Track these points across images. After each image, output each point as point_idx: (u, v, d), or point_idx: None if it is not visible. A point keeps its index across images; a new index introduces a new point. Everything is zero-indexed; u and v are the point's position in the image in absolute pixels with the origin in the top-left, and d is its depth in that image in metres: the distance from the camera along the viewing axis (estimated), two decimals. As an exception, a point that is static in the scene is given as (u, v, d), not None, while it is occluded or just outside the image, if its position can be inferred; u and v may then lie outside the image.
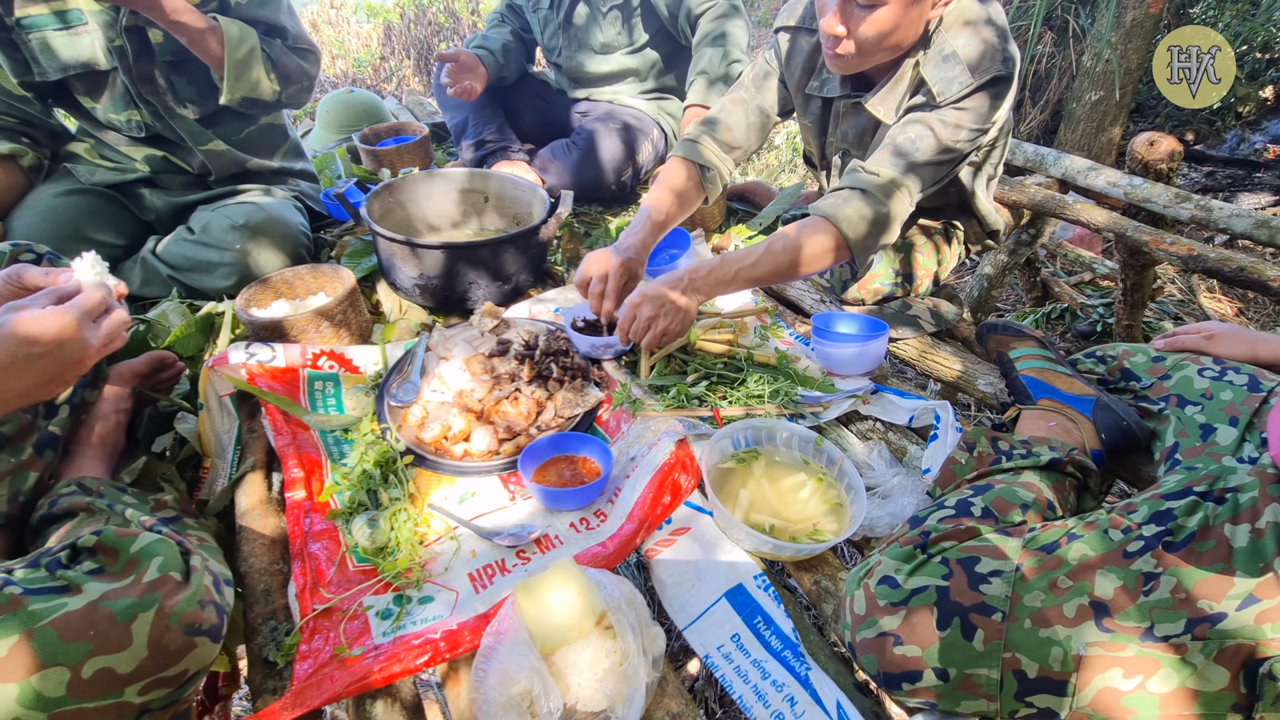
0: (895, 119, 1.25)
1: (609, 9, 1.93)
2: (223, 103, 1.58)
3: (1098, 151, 3.71)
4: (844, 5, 1.11)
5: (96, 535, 0.72)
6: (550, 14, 2.02)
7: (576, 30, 2.03)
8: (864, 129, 1.35)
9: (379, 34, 6.45)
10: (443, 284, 1.47)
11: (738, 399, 1.23)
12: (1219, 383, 1.05)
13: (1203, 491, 0.84)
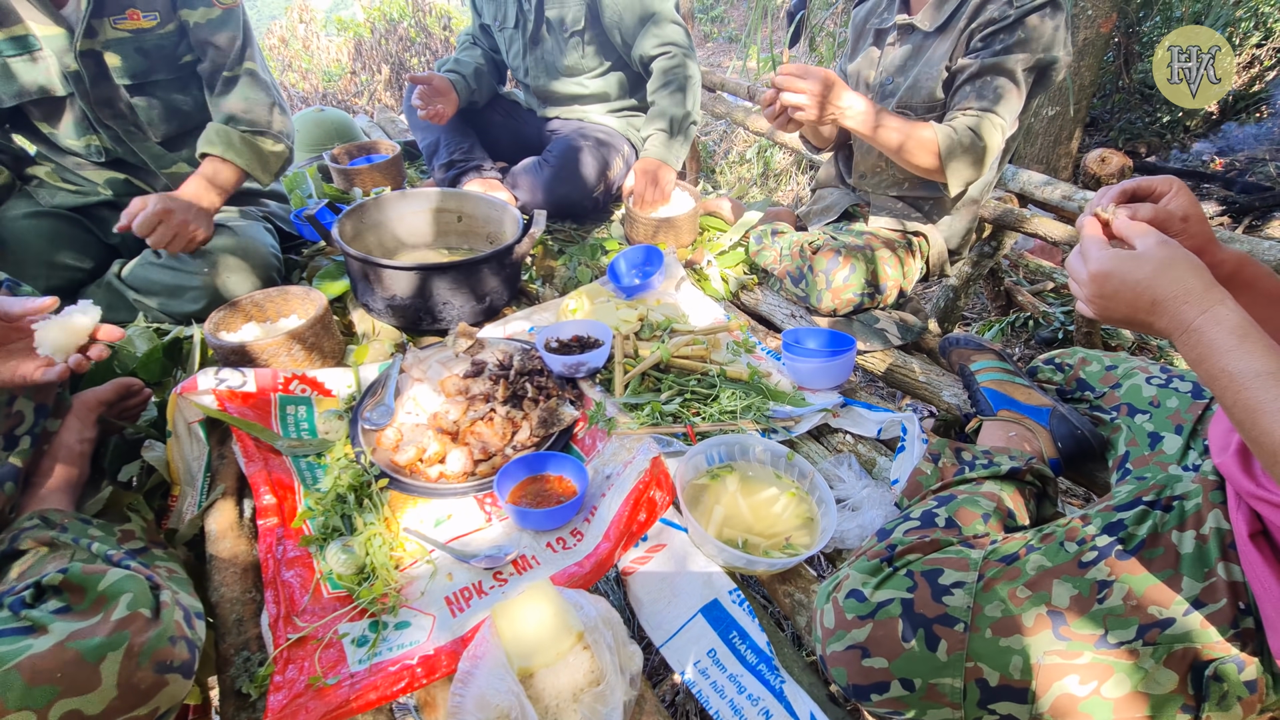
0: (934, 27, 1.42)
1: (569, 34, 1.96)
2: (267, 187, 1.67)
3: (1055, 164, 3.85)
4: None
5: (62, 573, 0.71)
6: (515, 33, 2.05)
7: (543, 52, 2.05)
8: (913, 50, 1.48)
9: (349, 48, 6.42)
10: (417, 305, 1.47)
11: (711, 415, 1.26)
12: (1165, 390, 1.10)
13: (1151, 500, 0.88)
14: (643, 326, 1.46)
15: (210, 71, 1.56)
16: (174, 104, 1.59)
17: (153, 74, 1.53)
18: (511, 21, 2.03)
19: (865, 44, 1.62)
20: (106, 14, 1.44)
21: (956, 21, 1.39)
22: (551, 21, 1.96)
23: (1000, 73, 1.33)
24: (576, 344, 1.39)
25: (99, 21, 1.44)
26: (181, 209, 1.44)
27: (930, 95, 1.45)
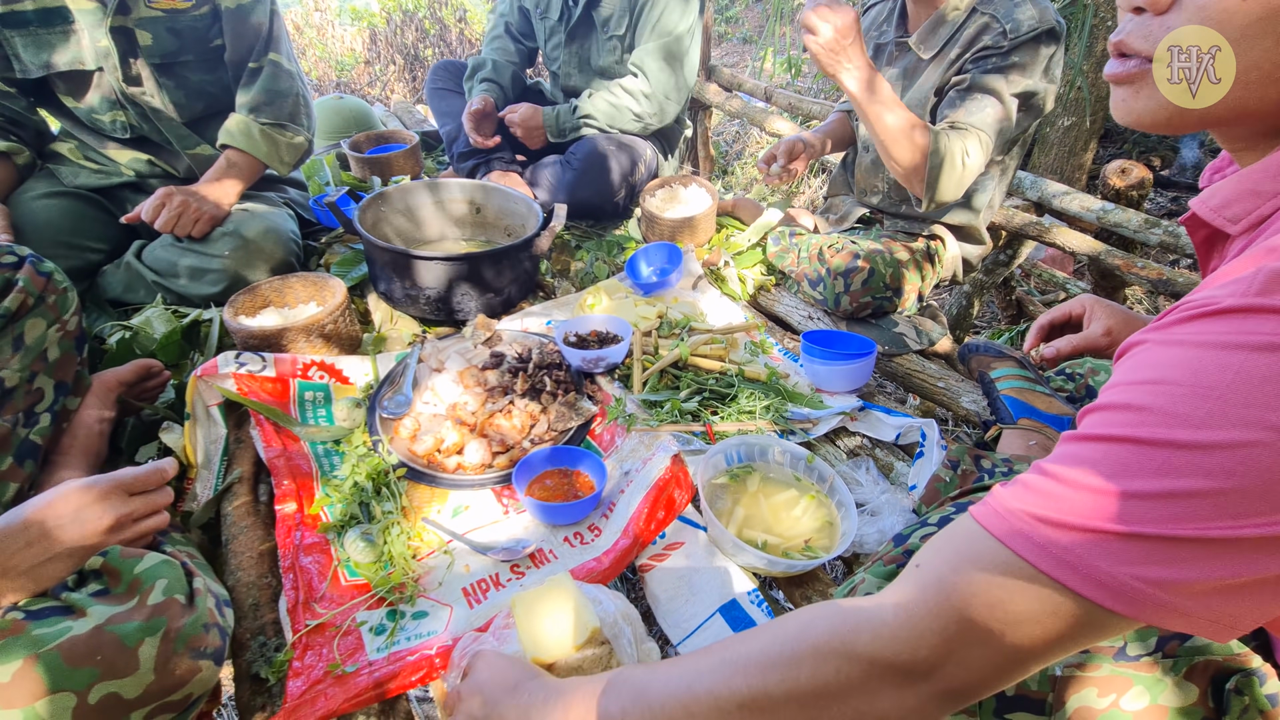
0: (930, 54, 1.43)
1: (609, 37, 1.95)
2: (284, 175, 1.70)
3: (1070, 175, 3.83)
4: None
5: (103, 556, 0.71)
6: (557, 26, 2.04)
7: (579, 47, 2.05)
8: (908, 70, 1.50)
9: (364, 38, 6.41)
10: (436, 295, 1.47)
11: (730, 415, 1.25)
12: None
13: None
14: (662, 324, 1.46)
15: (236, 61, 1.57)
16: (201, 85, 1.59)
17: (182, 54, 1.54)
18: (555, 14, 2.03)
19: (871, 50, 1.62)
20: None
21: (949, 50, 1.39)
22: (595, 20, 1.97)
23: (988, 91, 1.32)
24: (595, 339, 1.38)
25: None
26: (187, 194, 1.46)
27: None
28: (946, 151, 1.29)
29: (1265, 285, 0.42)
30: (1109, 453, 0.45)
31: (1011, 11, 1.31)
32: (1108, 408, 0.48)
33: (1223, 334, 0.43)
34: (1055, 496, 0.47)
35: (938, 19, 1.40)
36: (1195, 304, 0.46)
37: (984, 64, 1.33)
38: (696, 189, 1.91)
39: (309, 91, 1.69)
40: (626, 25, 1.92)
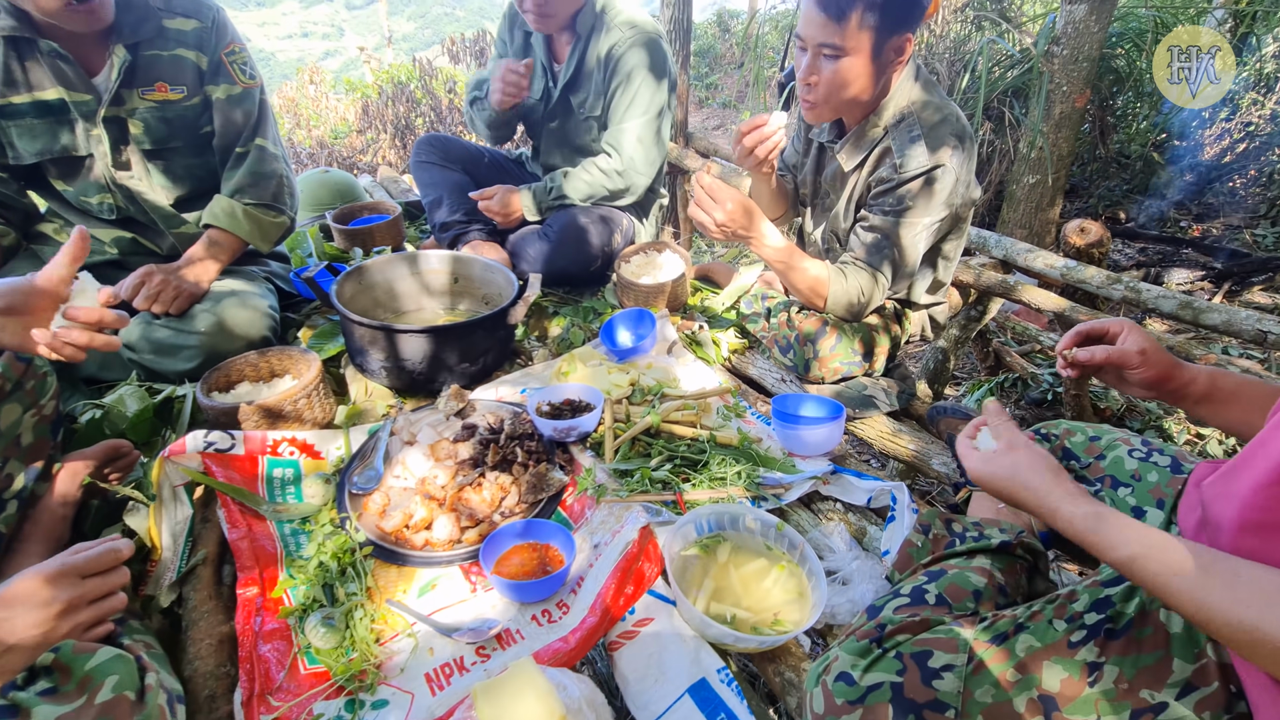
0: (852, 167, 1.49)
1: (585, 118, 2.05)
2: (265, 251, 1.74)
3: (1038, 229, 3.96)
4: (814, 57, 1.32)
5: (54, 652, 0.70)
6: (538, 104, 2.14)
7: (558, 126, 2.14)
8: (838, 173, 1.55)
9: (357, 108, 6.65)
10: (411, 367, 1.48)
11: (701, 482, 1.25)
12: (1146, 464, 1.11)
13: (1138, 578, 0.88)
14: (634, 391, 1.48)
15: (223, 146, 1.64)
16: (189, 168, 1.65)
17: (172, 141, 1.60)
18: (537, 94, 2.12)
19: (806, 151, 1.68)
20: (136, 85, 1.51)
21: (864, 167, 1.46)
22: (573, 103, 2.07)
23: (886, 235, 1.42)
24: (568, 408, 1.40)
25: (128, 91, 1.51)
26: (167, 272, 1.50)
27: (844, 221, 1.56)
28: (843, 297, 1.47)
29: None
30: None
31: (905, 148, 1.37)
32: None
33: None
34: None
35: (860, 132, 1.45)
36: None
37: (882, 202, 1.41)
38: (671, 254, 1.96)
39: (292, 173, 1.75)
40: (602, 107, 2.01)
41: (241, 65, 1.61)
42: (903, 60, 1.36)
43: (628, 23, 1.94)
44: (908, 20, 1.28)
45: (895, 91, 1.40)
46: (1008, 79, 4.14)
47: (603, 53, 1.94)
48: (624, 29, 1.93)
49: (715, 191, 1.33)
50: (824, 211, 1.67)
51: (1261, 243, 4.12)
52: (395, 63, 8.18)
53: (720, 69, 9.45)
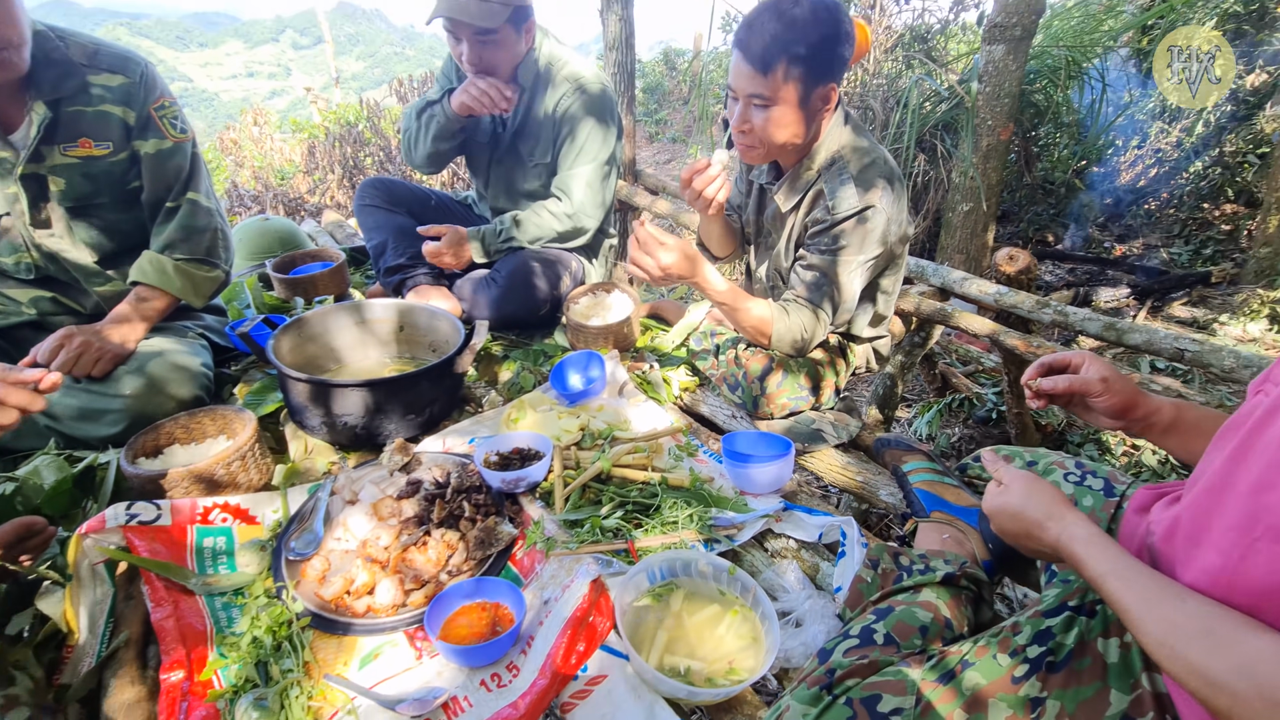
0: (789, 207, 1.54)
1: (534, 164, 2.07)
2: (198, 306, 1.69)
3: (974, 253, 4.14)
4: (745, 106, 1.37)
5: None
6: (485, 147, 2.14)
7: (505, 172, 2.15)
8: (777, 213, 1.60)
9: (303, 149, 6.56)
10: (354, 422, 1.44)
11: (653, 528, 1.24)
12: (1081, 488, 1.15)
13: (1076, 605, 0.90)
14: (584, 436, 1.47)
15: (153, 201, 1.59)
16: (115, 225, 1.59)
17: (96, 197, 1.54)
18: (484, 137, 2.13)
19: (749, 191, 1.73)
20: (58, 141, 1.46)
21: (800, 207, 1.52)
22: (521, 150, 2.08)
23: (823, 272, 1.46)
24: (517, 456, 1.37)
25: (48, 148, 1.46)
26: (88, 333, 1.43)
27: (785, 260, 1.61)
28: (787, 334, 1.50)
29: None
30: None
31: (836, 189, 1.42)
32: None
33: None
34: None
35: (796, 174, 1.50)
36: None
37: (818, 242, 1.46)
38: (620, 295, 1.97)
39: (227, 226, 1.71)
40: (551, 155, 2.03)
41: (172, 119, 1.57)
42: (830, 107, 1.41)
43: (573, 76, 1.97)
44: (830, 72, 1.34)
45: (826, 136, 1.46)
46: (938, 113, 4.36)
47: (550, 107, 1.98)
48: (570, 83, 1.96)
49: (650, 245, 1.34)
50: (767, 250, 1.71)
51: (1178, 260, 4.40)
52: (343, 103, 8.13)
53: (668, 105, 9.70)
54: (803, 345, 1.52)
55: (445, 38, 1.90)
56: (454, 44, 1.89)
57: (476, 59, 1.87)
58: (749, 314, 1.48)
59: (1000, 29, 3.56)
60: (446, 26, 1.85)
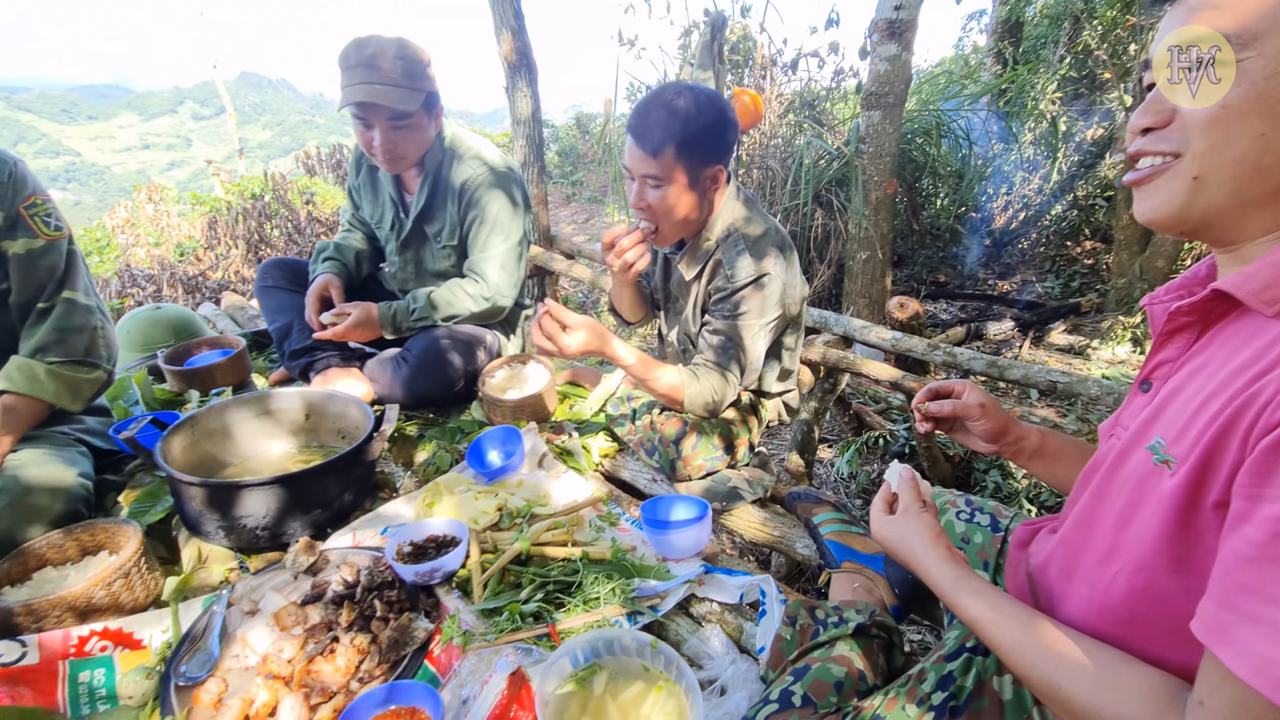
0: (692, 276, 1.61)
1: (442, 246, 2.06)
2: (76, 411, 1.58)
3: (876, 298, 4.43)
4: (640, 186, 1.47)
5: None
6: (390, 234, 2.12)
7: (414, 254, 2.13)
8: (682, 281, 1.67)
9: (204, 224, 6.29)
10: (254, 524, 1.36)
11: (575, 607, 1.23)
12: (971, 524, 1.23)
13: (972, 646, 0.96)
14: (502, 516, 1.44)
15: (22, 303, 1.49)
16: None
17: None
18: (388, 225, 2.11)
19: (655, 259, 1.81)
20: None
21: (702, 276, 1.61)
22: (427, 233, 2.08)
23: (729, 336, 1.54)
24: (433, 545, 1.33)
25: None
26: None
27: (693, 325, 1.69)
28: (698, 398, 1.55)
29: None
30: None
31: (734, 260, 1.50)
32: None
33: None
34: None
35: (696, 245, 1.58)
36: None
37: (721, 308, 1.55)
38: (535, 365, 1.98)
39: (109, 323, 1.61)
40: (459, 237, 2.04)
41: (45, 217, 1.49)
42: (720, 185, 1.52)
43: (477, 157, 1.99)
44: (716, 155, 1.45)
45: (721, 210, 1.56)
46: (831, 170, 4.71)
47: (456, 185, 1.98)
48: (475, 163, 1.98)
49: (554, 332, 1.37)
50: (676, 315, 1.78)
51: (1051, 293, 4.85)
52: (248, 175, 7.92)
53: (583, 167, 9.99)
54: (715, 407, 1.57)
55: (354, 125, 1.89)
56: (363, 131, 1.85)
57: (389, 146, 1.84)
58: (660, 381, 1.53)
59: (876, 96, 3.93)
60: (356, 114, 1.81)
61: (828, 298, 4.90)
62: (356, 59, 1.74)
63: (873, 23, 3.81)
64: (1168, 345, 0.76)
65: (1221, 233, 0.67)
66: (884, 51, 3.78)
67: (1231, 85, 0.60)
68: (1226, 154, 0.62)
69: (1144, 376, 0.80)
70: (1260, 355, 0.60)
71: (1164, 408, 0.72)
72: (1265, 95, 0.59)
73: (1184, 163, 0.65)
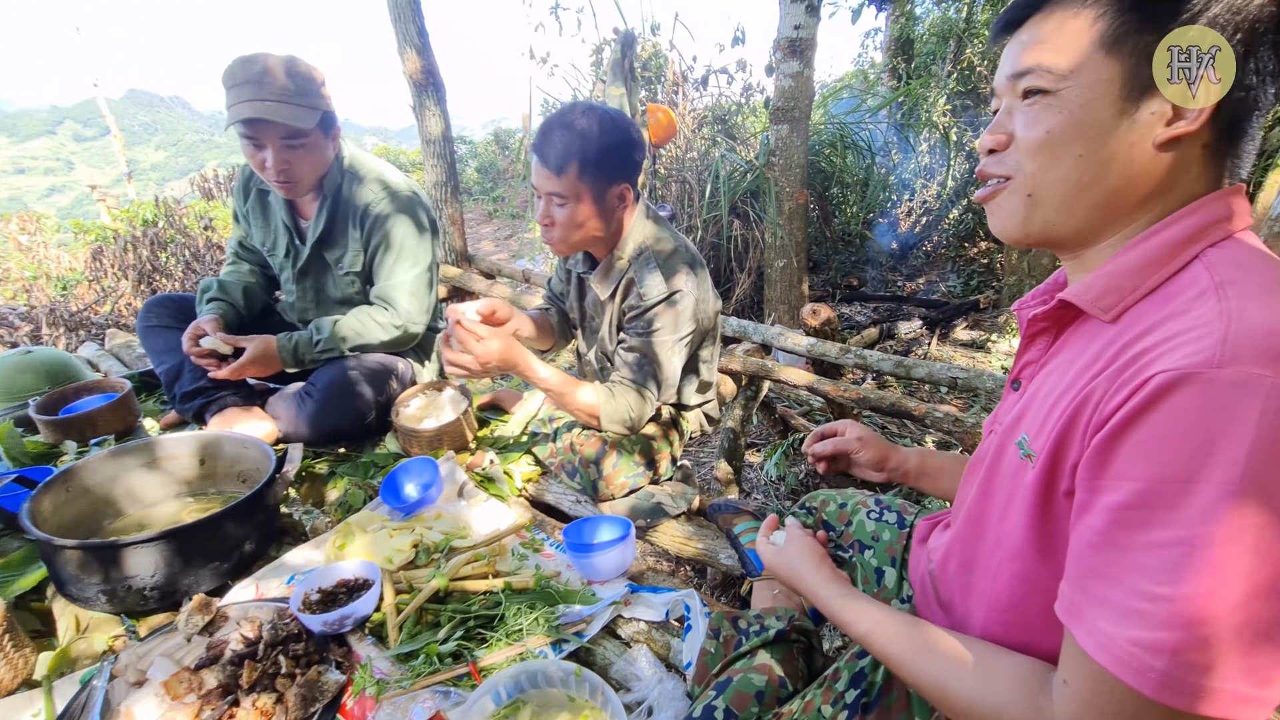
0: (607, 295, 1.61)
1: (345, 273, 1.95)
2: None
3: (794, 303, 4.59)
4: (546, 203, 1.48)
5: None
6: (286, 262, 2.01)
7: (313, 282, 2.02)
8: (597, 301, 1.67)
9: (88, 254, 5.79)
10: (142, 584, 1.25)
11: (498, 641, 1.20)
12: (880, 523, 1.28)
13: (882, 641, 0.99)
14: (418, 553, 1.39)
15: None
16: None
17: None
18: (282, 252, 1.99)
19: (568, 279, 1.82)
20: None
21: (616, 295, 1.62)
22: (328, 260, 1.97)
23: (644, 354, 1.55)
24: (344, 589, 1.27)
25: None
26: None
27: (610, 344, 1.70)
28: (615, 415, 1.56)
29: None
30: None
31: (645, 278, 1.52)
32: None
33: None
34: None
35: (609, 264, 1.59)
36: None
37: (635, 326, 1.56)
38: (451, 392, 1.93)
39: None
40: (363, 264, 1.93)
41: None
42: (627, 204, 1.53)
43: (379, 180, 1.91)
44: (621, 174, 1.46)
45: (632, 229, 1.57)
46: (746, 182, 4.86)
47: (358, 209, 1.89)
48: (377, 186, 1.90)
49: (467, 341, 1.35)
50: (593, 334, 1.78)
51: (953, 291, 5.17)
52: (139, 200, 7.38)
53: (504, 182, 9.90)
54: (633, 424, 1.58)
55: (243, 146, 1.76)
56: (254, 152, 1.72)
57: (283, 166, 1.73)
58: (576, 398, 1.52)
59: (782, 111, 4.09)
60: (245, 133, 1.68)
61: (750, 305, 5.04)
62: (244, 75, 1.64)
63: (775, 41, 3.97)
64: (1031, 347, 0.82)
65: (1062, 243, 0.74)
66: (787, 69, 3.95)
67: (1054, 112, 0.67)
68: (1053, 174, 0.68)
69: (1014, 376, 0.86)
70: (1098, 356, 0.66)
71: (1029, 405, 0.77)
72: (1082, 121, 0.65)
73: (1019, 182, 0.71)
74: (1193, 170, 0.65)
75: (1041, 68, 0.66)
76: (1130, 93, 0.63)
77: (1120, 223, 0.69)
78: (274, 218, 1.98)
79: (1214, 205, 0.65)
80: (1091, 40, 0.64)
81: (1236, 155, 0.66)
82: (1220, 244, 0.64)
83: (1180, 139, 0.63)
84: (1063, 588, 0.63)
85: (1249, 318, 0.55)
